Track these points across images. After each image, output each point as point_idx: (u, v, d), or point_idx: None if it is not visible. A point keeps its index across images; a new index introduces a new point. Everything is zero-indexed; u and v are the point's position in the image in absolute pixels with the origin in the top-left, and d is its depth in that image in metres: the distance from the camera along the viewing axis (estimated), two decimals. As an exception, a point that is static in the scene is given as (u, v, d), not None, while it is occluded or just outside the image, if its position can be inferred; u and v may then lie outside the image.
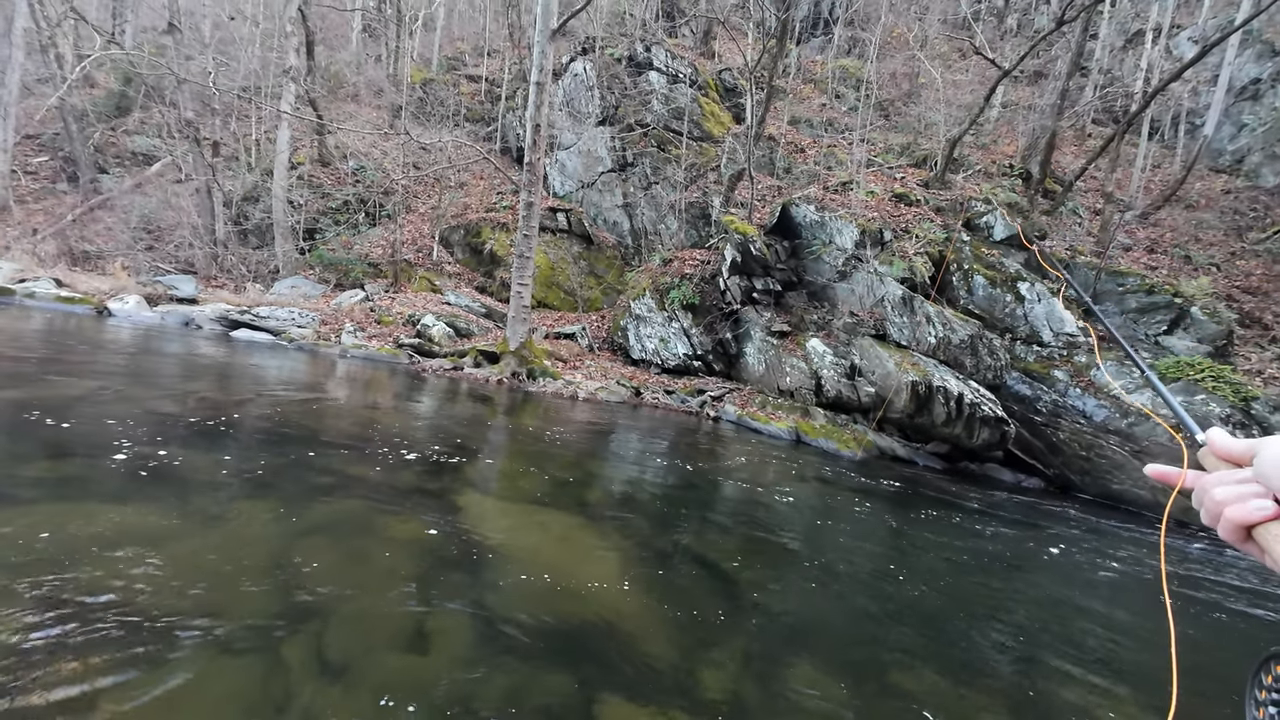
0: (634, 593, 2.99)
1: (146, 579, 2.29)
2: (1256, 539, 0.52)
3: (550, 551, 3.37)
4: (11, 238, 14.37)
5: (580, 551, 3.44)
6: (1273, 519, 0.51)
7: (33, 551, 2.33)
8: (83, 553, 2.39)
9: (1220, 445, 0.58)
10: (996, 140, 15.05)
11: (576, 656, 2.35)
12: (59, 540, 2.45)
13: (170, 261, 14.15)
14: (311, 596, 2.40)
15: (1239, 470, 0.56)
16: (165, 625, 2.05)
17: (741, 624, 2.90)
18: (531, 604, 2.68)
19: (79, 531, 2.55)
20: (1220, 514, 0.54)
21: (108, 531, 2.60)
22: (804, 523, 4.90)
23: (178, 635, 2.01)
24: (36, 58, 18.02)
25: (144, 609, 2.11)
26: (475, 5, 25.85)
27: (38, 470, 3.12)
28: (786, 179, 14.14)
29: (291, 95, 14.42)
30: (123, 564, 2.36)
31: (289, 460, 4.04)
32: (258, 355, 8.59)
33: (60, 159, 18.17)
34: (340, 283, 13.61)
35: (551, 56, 10.19)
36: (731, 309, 10.99)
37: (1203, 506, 0.57)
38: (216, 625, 2.10)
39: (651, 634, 2.61)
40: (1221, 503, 0.54)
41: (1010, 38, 18.79)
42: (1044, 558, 4.98)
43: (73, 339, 7.54)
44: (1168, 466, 0.63)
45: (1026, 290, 9.58)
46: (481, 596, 2.67)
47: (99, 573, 2.28)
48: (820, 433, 8.79)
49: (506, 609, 2.59)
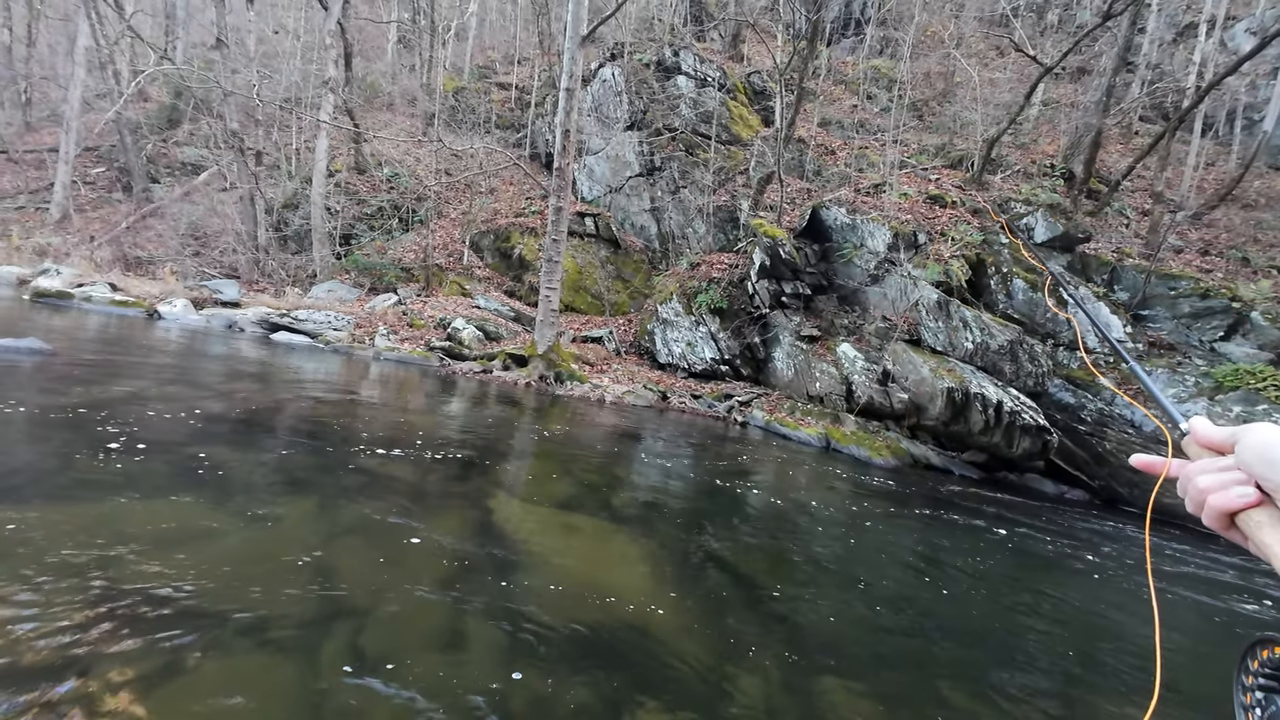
0: (663, 599, 2.95)
1: (192, 574, 2.36)
2: (1239, 525, 0.53)
3: (580, 556, 3.36)
4: (71, 244, 15.18)
5: (609, 556, 3.43)
6: (1254, 506, 0.51)
7: (86, 545, 2.43)
8: (132, 547, 2.48)
9: (1203, 433, 0.59)
10: (1037, 140, 14.57)
11: (607, 663, 2.33)
12: (111, 534, 2.55)
13: (215, 266, 14.73)
14: (347, 595, 2.44)
15: (1221, 458, 0.56)
16: (209, 619, 2.11)
17: (773, 634, 2.84)
18: (562, 608, 2.67)
19: (129, 526, 2.65)
20: (1203, 501, 0.55)
21: (156, 527, 2.69)
22: (835, 531, 4.79)
23: (220, 629, 2.07)
24: (96, 74, 19.03)
25: (189, 603, 2.18)
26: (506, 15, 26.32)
27: (92, 466, 3.26)
28: (816, 181, 13.95)
29: (330, 105, 14.90)
30: (170, 559, 2.44)
31: (326, 460, 4.13)
32: (296, 357, 8.85)
33: (116, 169, 19.14)
34: (374, 287, 13.96)
35: (581, 63, 10.28)
36: (760, 313, 10.87)
37: (1186, 494, 0.57)
38: (257, 620, 2.15)
39: (682, 642, 2.58)
40: (1204, 490, 0.55)
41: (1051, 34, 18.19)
42: (1089, 575, 4.76)
43: (125, 341, 7.89)
44: (1152, 456, 0.65)
45: (1069, 294, 9.22)
46: (512, 599, 2.68)
47: (147, 567, 2.35)
48: (851, 439, 8.60)
49: (537, 612, 2.59)
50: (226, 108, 14.83)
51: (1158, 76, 15.55)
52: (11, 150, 19.84)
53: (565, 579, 3.00)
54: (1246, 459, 0.53)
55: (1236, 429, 0.56)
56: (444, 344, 10.78)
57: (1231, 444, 0.56)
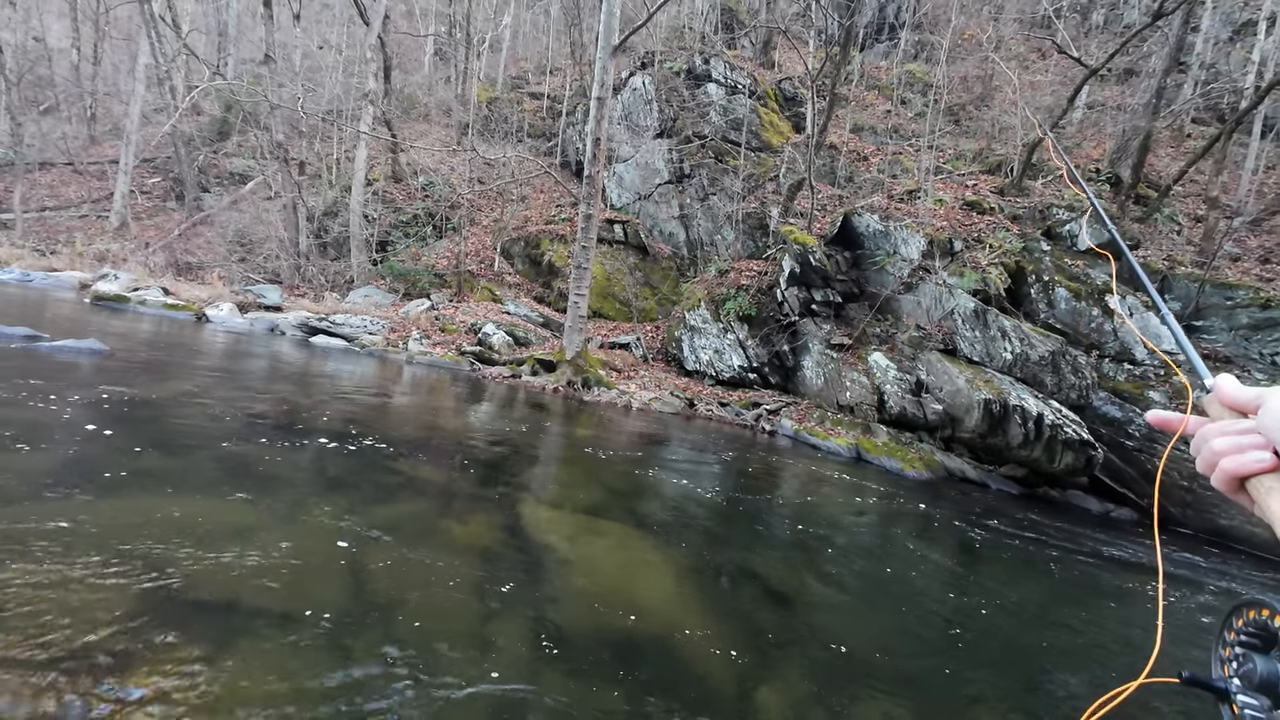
0: (691, 609, 2.93)
1: (232, 568, 2.45)
2: (1249, 490, 0.52)
3: (606, 562, 3.36)
4: (129, 250, 16.00)
5: (636, 564, 3.42)
6: (1269, 471, 0.50)
7: (136, 538, 2.54)
8: (177, 541, 2.58)
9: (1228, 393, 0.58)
10: (1081, 143, 14.09)
11: (634, 671, 2.31)
12: (159, 528, 2.66)
13: (259, 272, 15.33)
14: (379, 595, 2.49)
15: (1242, 420, 0.55)
16: (249, 612, 2.17)
17: (803, 648, 2.78)
18: (589, 615, 2.67)
19: (175, 521, 2.76)
20: (1216, 463, 0.53)
21: (199, 522, 2.80)
22: (866, 545, 4.67)
23: (257, 623, 2.13)
24: (154, 90, 20.11)
25: (229, 596, 2.25)
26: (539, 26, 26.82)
27: (142, 462, 3.42)
28: (848, 188, 13.75)
29: (369, 117, 15.40)
30: (211, 553, 2.54)
31: (360, 461, 4.24)
32: (333, 360, 9.13)
33: (170, 180, 20.13)
34: (408, 292, 14.31)
35: (612, 72, 10.40)
36: (789, 321, 10.75)
37: (1199, 454, 0.56)
38: (295, 616, 2.21)
39: (710, 653, 2.55)
40: (1219, 452, 0.53)
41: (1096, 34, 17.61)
42: (1137, 598, 4.52)
43: (175, 342, 8.27)
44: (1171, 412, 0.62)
45: (1115, 304, 8.85)
46: (539, 604, 2.69)
47: (190, 560, 2.45)
48: (883, 450, 8.40)
49: (564, 618, 2.60)
50: (273, 120, 15.47)
51: (1212, 76, 14.87)
52: (77, 162, 21.09)
53: (592, 585, 3.00)
54: (1268, 423, 0.52)
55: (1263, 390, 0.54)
56: (475, 349, 10.96)
57: (1255, 406, 0.54)
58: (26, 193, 18.55)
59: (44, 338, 6.06)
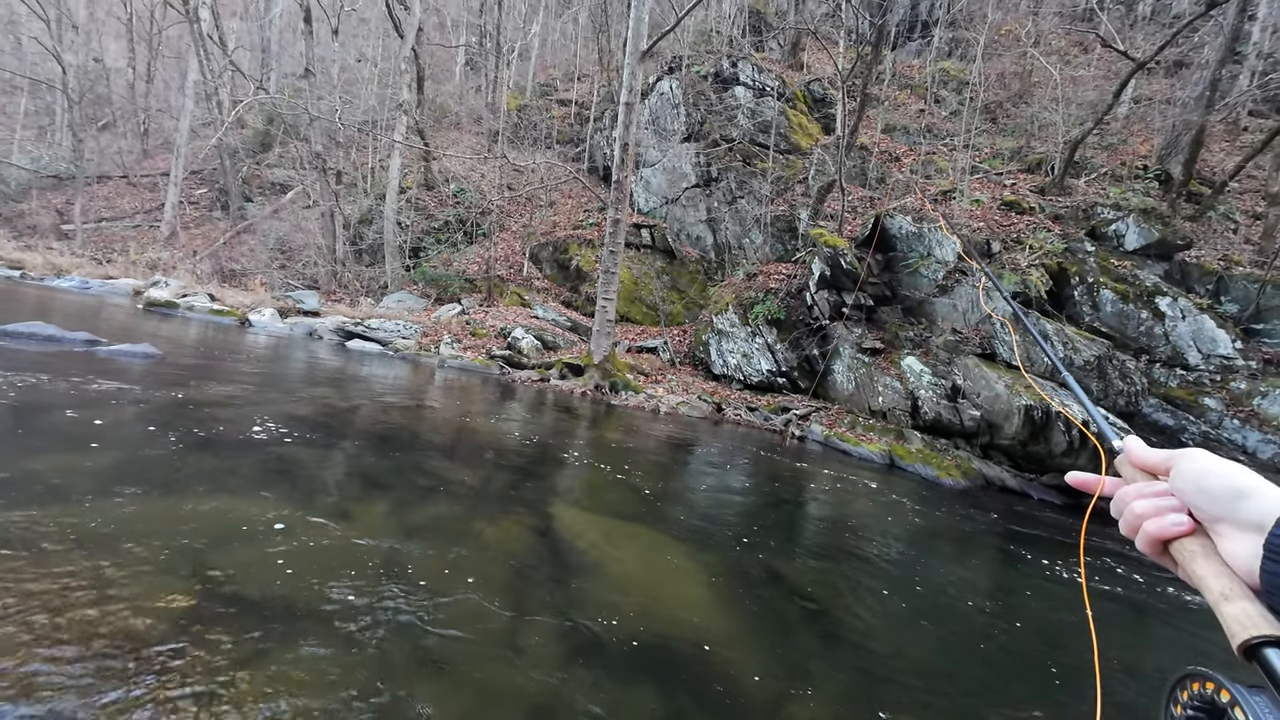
0: (723, 618, 2.89)
1: (275, 566, 2.52)
2: (1172, 553, 0.53)
3: (637, 567, 3.35)
4: (177, 259, 16.75)
5: (668, 569, 3.40)
6: (1187, 535, 0.51)
7: (182, 535, 2.64)
8: (224, 538, 2.67)
9: (1137, 455, 0.59)
10: (1126, 139, 13.53)
11: (666, 677, 2.30)
12: (206, 525, 2.76)
13: (298, 278, 15.86)
14: (416, 595, 2.53)
15: (1155, 482, 0.56)
16: (290, 610, 2.24)
17: (839, 659, 2.72)
18: (620, 619, 2.67)
19: (219, 519, 2.87)
20: (1139, 527, 0.54)
21: (243, 520, 2.89)
22: (902, 554, 4.55)
23: (300, 621, 2.19)
24: (202, 105, 21.04)
25: (271, 594, 2.32)
26: (567, 34, 27.15)
27: (189, 462, 3.56)
28: (880, 189, 13.50)
29: (403, 126, 15.81)
30: (255, 551, 2.62)
31: (396, 463, 4.33)
32: (368, 364, 9.37)
33: (216, 190, 21.01)
34: (440, 297, 14.61)
35: (640, 77, 10.44)
36: (819, 324, 10.59)
37: (1121, 516, 0.57)
38: (333, 615, 2.26)
39: (743, 661, 2.51)
40: (1141, 516, 0.54)
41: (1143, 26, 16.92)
42: (1189, 625, 4.29)
43: (220, 346, 8.60)
44: (1088, 474, 0.64)
45: (1168, 306, 8.46)
46: (572, 608, 2.70)
47: (235, 558, 2.53)
48: (916, 457, 8.19)
49: (597, 622, 2.60)
50: (312, 131, 16.03)
51: (1270, 67, 14.10)
52: (131, 175, 22.21)
53: (623, 589, 2.99)
54: (1181, 486, 0.53)
55: (1172, 453, 0.55)
56: (504, 352, 11.11)
57: (1166, 468, 0.55)
58: (85, 205, 19.62)
59: (102, 342, 6.38)
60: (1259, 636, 0.43)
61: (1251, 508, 0.47)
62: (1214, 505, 0.50)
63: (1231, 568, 0.48)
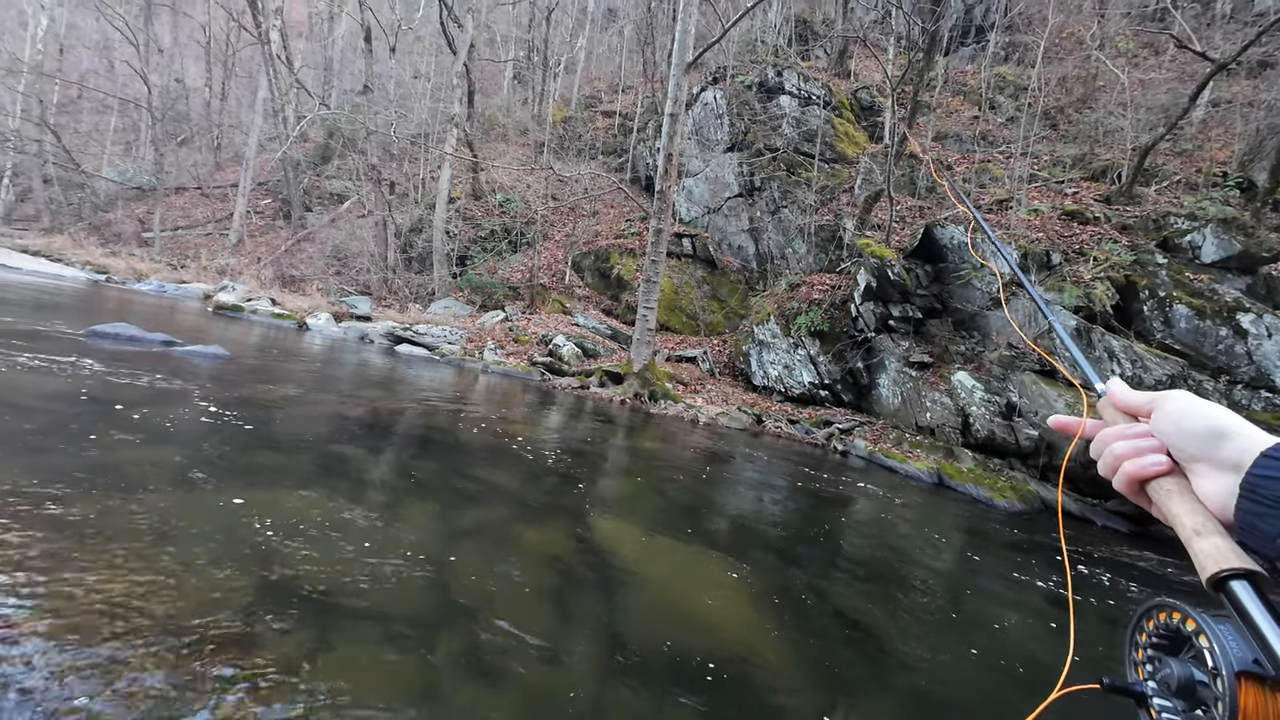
0: (764, 632, 2.83)
1: (330, 562, 2.62)
2: (1148, 492, 0.54)
3: (679, 580, 3.32)
4: (244, 265, 17.78)
5: (709, 583, 3.36)
6: (1166, 474, 0.52)
7: (241, 529, 2.78)
8: (282, 533, 2.80)
9: (1120, 397, 0.60)
10: (1203, 145, 12.70)
11: (708, 694, 2.26)
12: (267, 520, 2.90)
13: (352, 284, 16.57)
14: (461, 598, 2.58)
15: (1136, 424, 0.57)
16: (343, 606, 2.32)
17: (888, 683, 2.61)
18: (661, 631, 2.65)
19: (274, 516, 3.00)
20: (1118, 467, 0.55)
21: (297, 518, 3.02)
22: (954, 577, 4.36)
23: (347, 617, 2.26)
24: (270, 120, 22.35)
25: (328, 588, 2.41)
26: (612, 46, 27.60)
27: (248, 460, 3.75)
28: (930, 199, 13.10)
29: (453, 139, 16.37)
30: (311, 547, 2.73)
31: (441, 465, 4.45)
32: (415, 368, 9.68)
33: (279, 200, 22.22)
34: (484, 304, 14.99)
35: (685, 88, 10.50)
36: (864, 337, 10.32)
37: (1100, 457, 0.58)
38: (383, 614, 2.33)
39: (787, 681, 2.45)
40: (1120, 456, 0.55)
41: (1220, 25, 15.89)
42: None
43: (281, 348, 9.06)
44: (1069, 416, 0.64)
45: (1251, 323, 7.86)
46: (613, 618, 2.70)
47: (293, 552, 2.64)
48: (968, 477, 7.84)
49: (638, 634, 2.59)
50: (369, 144, 16.79)
51: (1370, 65, 12.99)
52: (205, 186, 23.78)
53: (664, 601, 2.97)
54: (1162, 427, 0.54)
55: (1154, 395, 0.56)
56: (545, 359, 11.28)
57: (1148, 409, 0.56)
58: (164, 214, 21.10)
59: (178, 343, 6.82)
60: (1228, 569, 0.45)
61: (1230, 448, 0.48)
62: (1193, 445, 0.51)
63: (1205, 505, 0.50)
